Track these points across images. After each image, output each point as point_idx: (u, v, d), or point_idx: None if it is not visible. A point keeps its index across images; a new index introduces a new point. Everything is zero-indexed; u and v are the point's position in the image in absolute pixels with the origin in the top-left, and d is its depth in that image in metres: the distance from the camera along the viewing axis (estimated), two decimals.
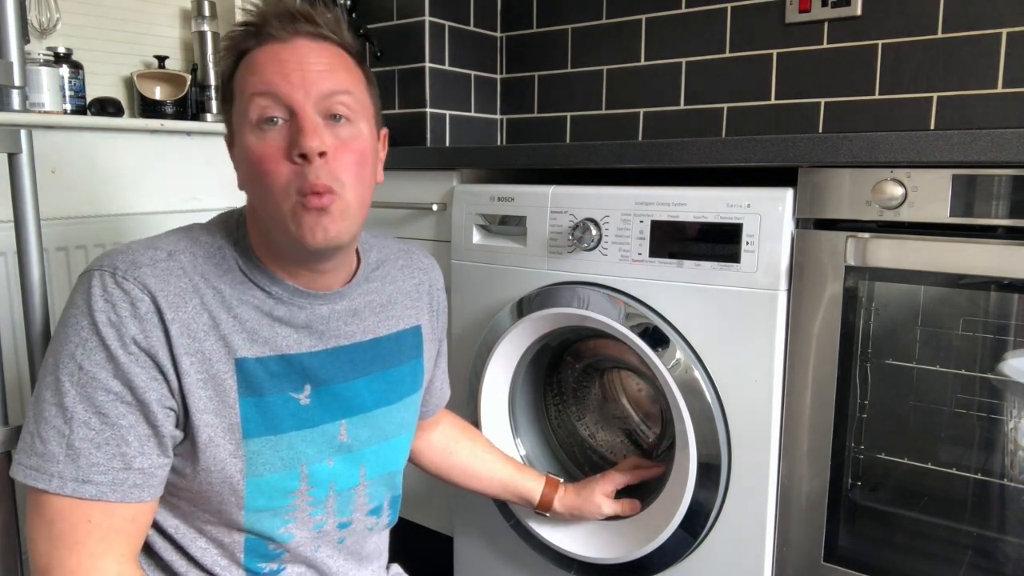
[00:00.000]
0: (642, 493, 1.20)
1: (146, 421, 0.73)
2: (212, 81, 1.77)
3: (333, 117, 0.76)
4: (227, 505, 0.78)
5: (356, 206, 0.77)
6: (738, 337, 1.03)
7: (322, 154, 0.74)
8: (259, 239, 0.81)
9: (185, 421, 0.75)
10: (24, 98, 0.97)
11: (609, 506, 1.15)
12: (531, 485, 1.15)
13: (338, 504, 0.86)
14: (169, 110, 1.70)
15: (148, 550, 0.81)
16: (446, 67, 1.98)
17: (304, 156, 0.73)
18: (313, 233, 0.74)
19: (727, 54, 1.74)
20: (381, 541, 0.98)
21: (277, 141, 0.74)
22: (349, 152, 0.76)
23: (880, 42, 1.54)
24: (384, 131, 0.88)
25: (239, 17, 1.80)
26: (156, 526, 0.80)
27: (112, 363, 0.71)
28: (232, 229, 0.82)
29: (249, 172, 0.77)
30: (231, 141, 0.82)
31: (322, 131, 0.74)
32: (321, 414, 0.82)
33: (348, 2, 1.91)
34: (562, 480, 1.17)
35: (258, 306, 0.79)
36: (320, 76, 0.75)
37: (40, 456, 0.70)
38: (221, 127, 1.30)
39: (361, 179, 0.78)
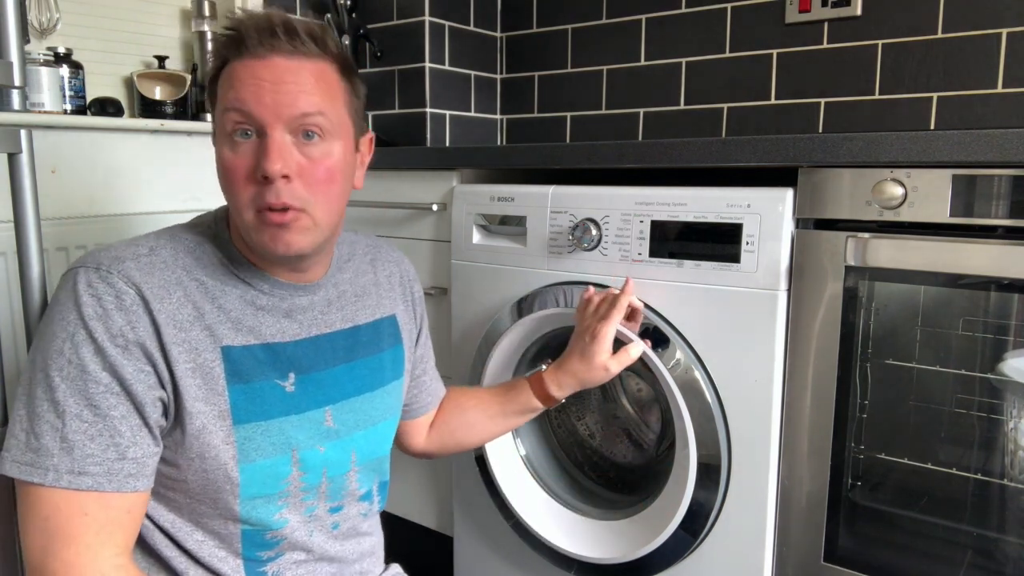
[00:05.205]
0: (642, 493, 1.20)
1: (136, 411, 0.74)
2: None
3: (305, 135, 0.77)
4: (223, 494, 0.79)
5: (324, 220, 0.80)
6: (738, 337, 1.03)
7: (285, 176, 0.75)
8: (239, 236, 0.83)
9: (177, 410, 0.76)
10: (24, 98, 0.97)
11: (617, 364, 1.05)
12: (522, 398, 1.09)
13: (330, 489, 0.88)
14: (169, 110, 1.70)
15: (144, 546, 0.81)
16: (446, 67, 1.98)
17: (266, 177, 0.75)
18: (275, 245, 0.77)
19: (727, 54, 1.74)
20: (374, 527, 0.99)
21: (245, 157, 0.76)
22: (318, 170, 0.78)
23: (880, 42, 1.54)
24: (369, 136, 0.90)
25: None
26: (152, 522, 0.81)
27: (100, 355, 0.72)
28: (209, 228, 0.84)
29: (220, 180, 0.80)
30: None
31: (288, 153, 0.76)
32: (306, 401, 0.85)
33: (348, 2, 1.91)
34: (543, 367, 1.10)
35: (241, 296, 0.82)
36: (294, 98, 0.76)
37: (35, 451, 0.71)
38: None
39: (329, 195, 0.80)
